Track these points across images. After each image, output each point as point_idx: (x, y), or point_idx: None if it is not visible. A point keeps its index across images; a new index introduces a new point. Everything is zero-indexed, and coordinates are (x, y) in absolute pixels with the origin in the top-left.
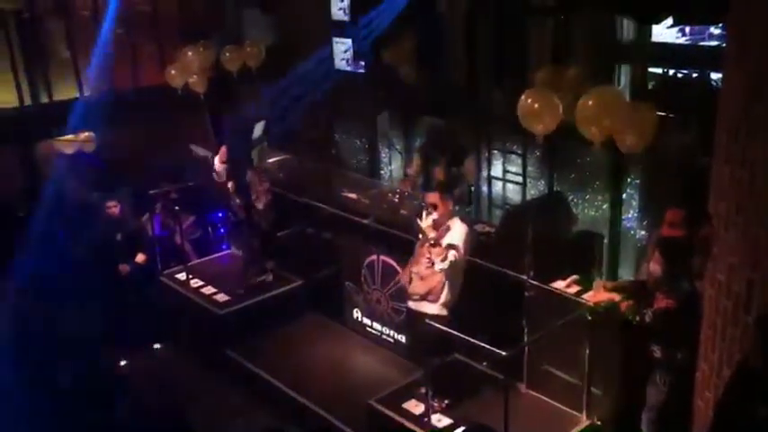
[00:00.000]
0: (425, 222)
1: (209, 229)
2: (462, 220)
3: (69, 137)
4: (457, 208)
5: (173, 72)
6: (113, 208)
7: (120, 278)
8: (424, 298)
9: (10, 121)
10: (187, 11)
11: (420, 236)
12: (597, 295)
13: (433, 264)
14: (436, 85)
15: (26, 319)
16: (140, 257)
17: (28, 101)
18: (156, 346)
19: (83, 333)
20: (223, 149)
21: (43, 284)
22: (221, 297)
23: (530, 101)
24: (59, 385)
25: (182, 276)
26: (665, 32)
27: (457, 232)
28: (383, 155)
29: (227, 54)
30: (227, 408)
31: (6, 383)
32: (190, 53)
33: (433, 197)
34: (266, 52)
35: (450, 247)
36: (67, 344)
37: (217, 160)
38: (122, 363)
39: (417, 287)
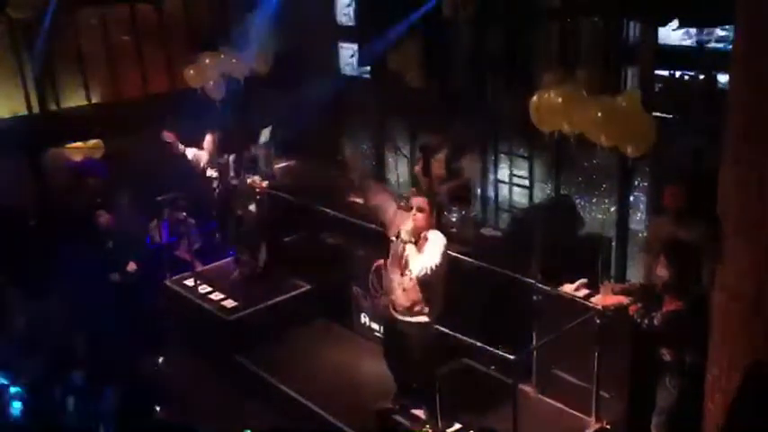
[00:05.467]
0: (406, 226)
1: (216, 235)
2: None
3: (78, 144)
4: (463, 212)
5: (191, 72)
6: (101, 217)
7: (113, 286)
8: (409, 310)
9: (19, 129)
10: (194, 18)
11: (394, 239)
12: (605, 298)
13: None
14: (442, 89)
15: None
16: (131, 266)
17: (36, 109)
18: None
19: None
20: (209, 138)
21: (52, 292)
22: (229, 303)
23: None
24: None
25: (189, 282)
26: (671, 35)
27: (436, 244)
28: (390, 159)
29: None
30: (237, 413)
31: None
32: (207, 59)
33: (421, 201)
34: (272, 58)
35: (429, 259)
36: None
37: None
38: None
39: (401, 298)
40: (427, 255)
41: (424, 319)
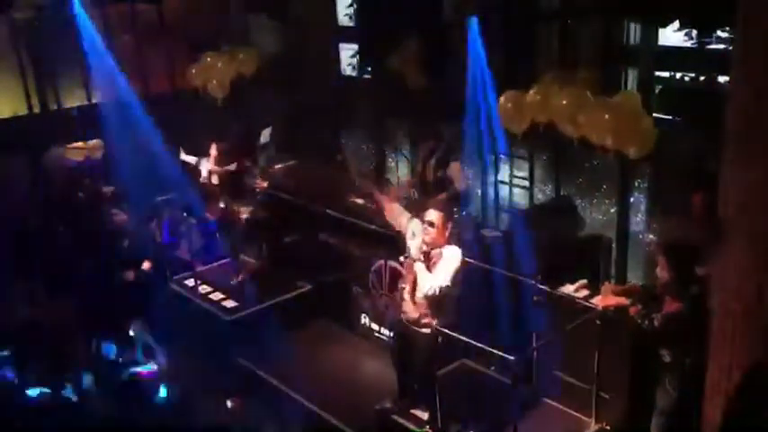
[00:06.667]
0: (416, 242)
1: (216, 235)
2: (456, 245)
3: (78, 144)
4: (464, 213)
5: (194, 72)
6: (117, 216)
7: (126, 284)
8: (416, 323)
9: (19, 129)
10: (194, 18)
11: (403, 258)
12: (605, 299)
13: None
14: (442, 90)
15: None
16: (146, 265)
17: (37, 108)
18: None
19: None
20: (214, 149)
21: (54, 289)
22: (229, 303)
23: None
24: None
25: (190, 282)
26: (671, 36)
27: (449, 264)
28: (390, 160)
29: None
30: (235, 413)
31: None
32: (209, 58)
33: (434, 216)
34: (273, 58)
35: (438, 278)
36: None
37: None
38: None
39: (410, 310)
40: (437, 274)
41: (430, 330)
